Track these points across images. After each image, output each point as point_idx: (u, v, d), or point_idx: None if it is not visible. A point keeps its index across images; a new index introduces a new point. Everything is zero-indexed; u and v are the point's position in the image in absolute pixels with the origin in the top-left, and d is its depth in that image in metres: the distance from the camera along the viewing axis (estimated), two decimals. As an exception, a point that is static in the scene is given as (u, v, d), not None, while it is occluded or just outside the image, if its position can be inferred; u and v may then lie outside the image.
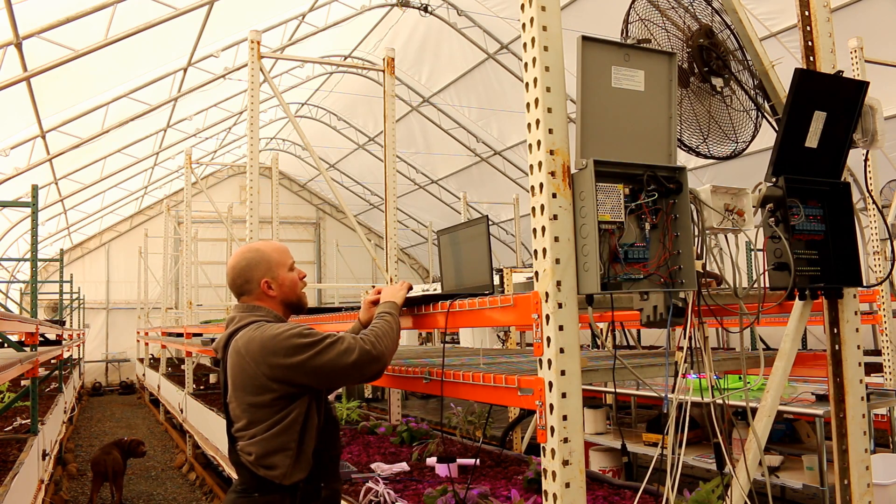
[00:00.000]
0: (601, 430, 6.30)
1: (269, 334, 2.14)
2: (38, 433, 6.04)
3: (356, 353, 2.12)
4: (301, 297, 2.41)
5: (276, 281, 2.33)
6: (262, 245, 2.42)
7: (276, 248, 2.40)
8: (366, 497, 3.06)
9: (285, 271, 2.36)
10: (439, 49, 13.36)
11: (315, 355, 2.09)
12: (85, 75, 9.55)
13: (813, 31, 2.48)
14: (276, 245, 2.43)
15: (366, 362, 2.14)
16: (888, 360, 4.99)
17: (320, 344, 2.11)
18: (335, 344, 2.12)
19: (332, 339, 2.13)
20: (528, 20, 1.81)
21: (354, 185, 20.50)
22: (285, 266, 2.36)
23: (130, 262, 19.89)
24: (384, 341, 2.21)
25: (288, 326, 2.18)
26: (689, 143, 2.29)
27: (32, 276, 7.27)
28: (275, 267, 2.35)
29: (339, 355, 2.11)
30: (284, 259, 2.37)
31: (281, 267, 2.35)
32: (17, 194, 11.43)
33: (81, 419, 14.33)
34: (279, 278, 2.34)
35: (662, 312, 2.05)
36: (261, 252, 2.37)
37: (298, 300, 2.40)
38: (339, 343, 2.13)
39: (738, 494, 2.11)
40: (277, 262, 2.36)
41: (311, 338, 2.12)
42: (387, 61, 5.11)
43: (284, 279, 2.35)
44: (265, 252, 2.37)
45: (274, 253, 2.38)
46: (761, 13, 8.71)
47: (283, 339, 2.11)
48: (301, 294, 2.41)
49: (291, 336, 2.12)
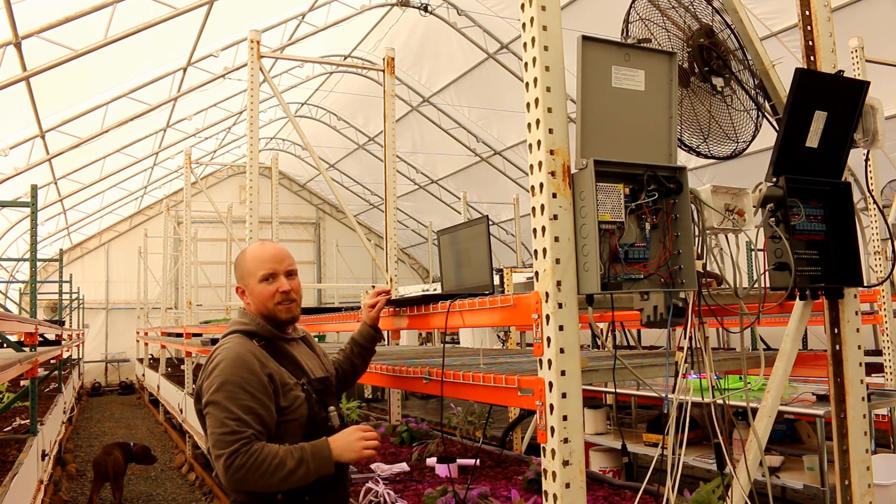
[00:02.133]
0: (601, 430, 6.30)
1: (209, 367, 2.09)
2: (37, 433, 6.03)
3: (228, 449, 1.94)
4: (274, 312, 2.22)
5: (248, 289, 2.25)
6: (250, 249, 2.31)
7: (255, 256, 2.26)
8: (366, 497, 3.06)
9: (255, 282, 2.22)
10: (439, 49, 13.36)
11: (207, 413, 2.02)
12: (84, 75, 9.54)
13: (813, 30, 2.47)
14: (262, 252, 2.27)
15: (217, 470, 1.99)
16: (889, 361, 4.99)
17: (219, 415, 1.98)
18: (223, 424, 1.97)
19: (226, 424, 1.96)
20: (528, 20, 1.80)
21: (354, 185, 20.50)
22: (255, 276, 2.22)
23: (130, 262, 19.89)
24: (251, 478, 1.94)
25: (226, 363, 2.05)
26: (689, 143, 2.28)
27: (32, 276, 7.27)
28: (247, 275, 2.25)
29: (214, 433, 1.98)
30: (256, 269, 2.23)
31: (251, 276, 2.23)
32: (17, 194, 11.42)
33: (81, 419, 14.33)
34: (249, 287, 2.24)
35: (663, 312, 2.04)
36: (242, 256, 2.30)
37: (271, 315, 2.22)
38: (227, 426, 1.96)
39: (739, 495, 2.11)
40: (249, 271, 2.24)
41: (225, 402, 1.99)
42: (387, 61, 5.11)
43: (253, 290, 2.23)
44: (244, 257, 2.28)
45: (249, 261, 2.26)
46: (762, 13, 8.71)
47: (210, 374, 2.06)
48: (275, 309, 2.22)
49: (221, 382, 2.02)
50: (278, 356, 2.18)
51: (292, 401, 2.12)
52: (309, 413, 2.14)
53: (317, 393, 2.19)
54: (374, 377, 2.97)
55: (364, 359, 2.69)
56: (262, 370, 2.08)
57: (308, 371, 2.24)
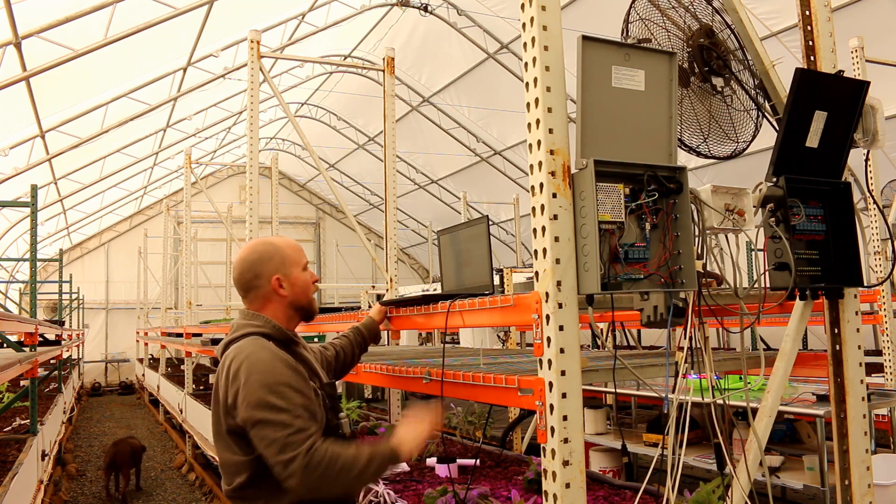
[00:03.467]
0: (601, 430, 6.30)
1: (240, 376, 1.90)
2: (37, 433, 6.03)
3: (298, 457, 1.78)
4: (312, 301, 2.19)
5: (289, 279, 2.11)
6: (277, 240, 2.20)
7: (292, 245, 2.19)
8: (366, 497, 3.06)
9: (299, 270, 2.15)
10: (439, 49, 13.36)
11: (259, 422, 1.83)
12: (84, 75, 9.55)
13: (813, 30, 2.47)
14: (292, 242, 2.22)
15: (288, 475, 1.79)
16: (889, 361, 4.99)
17: (280, 417, 1.82)
18: (286, 425, 1.82)
19: (293, 426, 1.81)
20: (528, 20, 1.80)
21: (354, 185, 20.51)
22: (300, 265, 2.16)
23: (130, 262, 19.90)
24: (328, 476, 1.79)
25: (262, 365, 1.90)
26: (689, 143, 2.28)
27: (32, 276, 7.27)
28: (289, 264, 2.13)
29: (279, 438, 1.81)
30: (299, 257, 2.17)
31: (295, 265, 2.14)
32: (17, 194, 11.43)
33: (81, 419, 14.33)
34: (292, 276, 2.12)
35: (663, 312, 2.04)
36: (275, 246, 2.15)
37: (309, 304, 2.18)
38: (292, 425, 1.82)
39: (739, 495, 2.11)
40: (292, 260, 2.14)
41: (281, 402, 1.84)
42: (387, 61, 5.11)
43: (297, 278, 2.13)
44: (280, 247, 2.15)
45: (289, 249, 2.16)
46: (762, 13, 8.71)
47: (246, 381, 1.88)
48: (312, 299, 2.19)
49: (264, 385, 1.85)
50: (295, 359, 2.06)
51: (316, 404, 2.02)
52: (325, 419, 2.03)
53: (329, 398, 2.10)
54: (374, 377, 2.97)
55: (363, 350, 2.72)
56: (294, 365, 1.97)
57: (320, 375, 2.16)
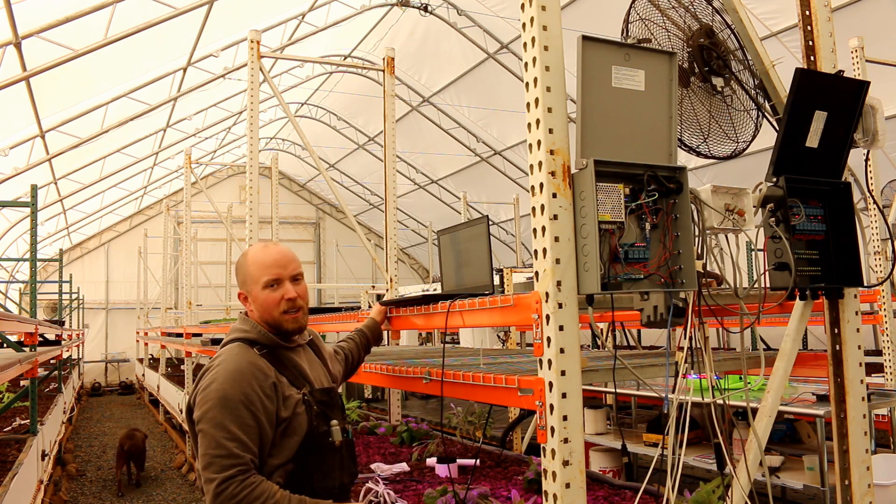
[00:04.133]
0: (601, 430, 6.30)
1: (206, 378, 1.97)
2: (37, 433, 6.03)
3: (215, 482, 1.81)
4: (280, 321, 2.10)
5: (251, 296, 2.13)
6: (252, 252, 2.19)
7: (257, 260, 2.14)
8: (366, 497, 3.06)
9: (258, 289, 2.10)
10: (439, 49, 13.36)
11: (201, 430, 1.89)
12: (84, 75, 9.55)
13: (814, 30, 2.47)
14: (265, 256, 2.14)
15: (205, 490, 1.84)
16: (889, 361, 4.99)
17: (217, 435, 1.85)
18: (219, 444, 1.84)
19: (223, 446, 1.83)
20: (528, 20, 1.80)
21: (354, 185, 20.51)
22: (258, 283, 2.10)
23: (130, 262, 19.91)
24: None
25: (225, 376, 1.93)
26: (689, 143, 2.28)
27: (32, 276, 7.27)
28: (250, 282, 2.13)
29: (208, 454, 1.85)
30: (259, 274, 2.11)
31: (255, 283, 2.11)
32: (17, 194, 11.43)
33: (81, 419, 14.33)
34: (252, 294, 2.12)
35: (663, 312, 2.04)
36: (244, 259, 2.17)
37: (277, 324, 2.10)
38: (224, 447, 1.84)
39: (739, 495, 2.11)
40: (252, 277, 2.12)
41: (224, 420, 1.86)
42: (387, 61, 5.11)
43: (256, 297, 2.11)
44: (246, 261, 2.16)
45: (252, 265, 2.13)
46: (762, 13, 8.71)
47: (206, 387, 1.93)
48: (281, 318, 2.10)
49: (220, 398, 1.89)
50: (280, 365, 2.06)
51: (293, 413, 2.00)
52: (308, 427, 2.02)
53: (319, 405, 2.07)
54: (374, 377, 2.97)
55: (367, 352, 2.81)
56: (265, 381, 1.97)
57: (312, 380, 2.13)
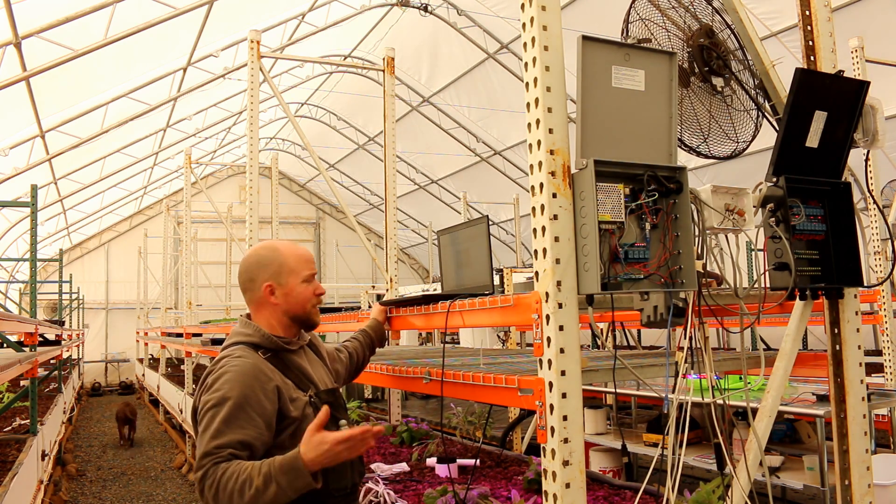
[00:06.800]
0: (601, 430, 6.30)
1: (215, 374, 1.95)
2: (37, 434, 6.03)
3: (200, 472, 1.79)
4: (311, 314, 2.14)
5: (284, 289, 2.09)
6: (283, 246, 2.16)
7: (297, 254, 2.14)
8: (366, 497, 3.06)
9: (297, 281, 2.10)
10: (439, 49, 13.36)
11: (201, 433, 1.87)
12: (84, 75, 9.55)
13: (813, 30, 2.47)
14: (300, 251, 2.16)
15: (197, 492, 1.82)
16: (889, 361, 4.99)
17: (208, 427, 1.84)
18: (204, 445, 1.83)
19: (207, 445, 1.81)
20: (528, 20, 1.80)
21: (354, 185, 20.50)
22: (299, 276, 2.11)
23: (130, 263, 19.90)
24: (223, 493, 1.74)
25: (229, 376, 1.91)
26: (689, 143, 2.28)
27: (32, 276, 7.27)
28: (286, 273, 2.09)
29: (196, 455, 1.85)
30: (300, 268, 2.12)
31: (293, 275, 2.10)
32: (17, 194, 11.43)
33: (81, 419, 14.33)
34: (287, 286, 2.09)
35: (663, 312, 2.04)
36: (276, 252, 2.12)
37: (307, 316, 2.14)
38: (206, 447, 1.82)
39: (739, 495, 2.11)
40: (290, 269, 2.10)
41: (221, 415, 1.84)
42: (387, 61, 5.10)
43: (293, 289, 2.10)
44: (281, 253, 2.12)
45: (292, 258, 2.12)
46: (762, 13, 8.71)
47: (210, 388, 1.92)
48: (311, 311, 2.14)
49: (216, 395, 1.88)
50: (284, 368, 2.05)
51: (302, 414, 1.99)
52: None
53: (326, 406, 2.08)
54: (374, 377, 2.97)
55: (372, 352, 2.79)
56: (268, 383, 1.95)
57: (316, 382, 2.12)
